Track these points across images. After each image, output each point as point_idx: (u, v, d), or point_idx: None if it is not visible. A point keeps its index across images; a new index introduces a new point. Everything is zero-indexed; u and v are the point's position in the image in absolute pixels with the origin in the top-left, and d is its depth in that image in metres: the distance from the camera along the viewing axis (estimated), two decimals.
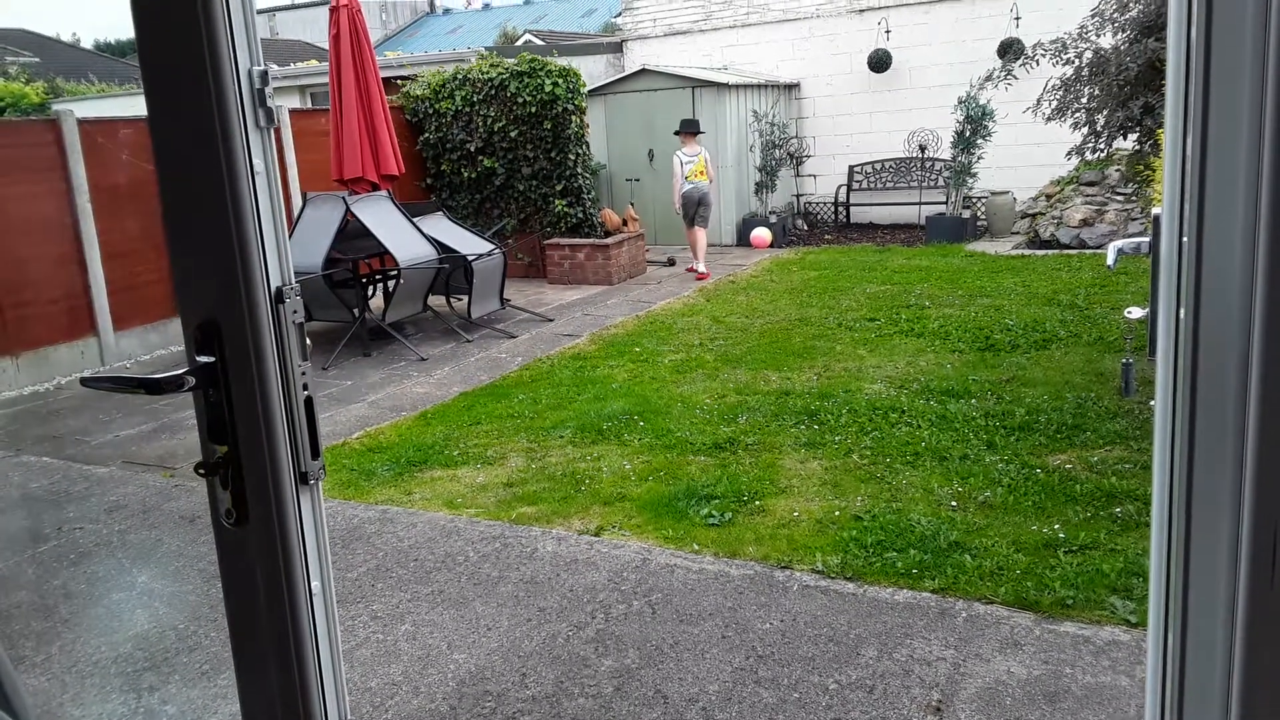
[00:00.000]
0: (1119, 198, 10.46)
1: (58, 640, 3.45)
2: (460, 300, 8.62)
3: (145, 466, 5.32)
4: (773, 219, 12.61)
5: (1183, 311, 0.95)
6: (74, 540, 4.36)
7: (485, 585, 3.64)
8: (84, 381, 1.40)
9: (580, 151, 10.63)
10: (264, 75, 1.26)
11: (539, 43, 18.56)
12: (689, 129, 10.46)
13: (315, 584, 1.37)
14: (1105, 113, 7.36)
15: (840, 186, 13.59)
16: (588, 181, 10.75)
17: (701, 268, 10.43)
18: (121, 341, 7.98)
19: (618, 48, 15.15)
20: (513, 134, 10.57)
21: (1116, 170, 10.22)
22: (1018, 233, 11.49)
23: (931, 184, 12.77)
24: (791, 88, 13.81)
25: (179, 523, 4.52)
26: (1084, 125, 7.77)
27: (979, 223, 12.08)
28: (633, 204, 11.94)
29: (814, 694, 2.81)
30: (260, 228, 1.26)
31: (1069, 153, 8.66)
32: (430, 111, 10.96)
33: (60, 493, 5.03)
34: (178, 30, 1.21)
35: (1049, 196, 11.17)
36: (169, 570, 4.07)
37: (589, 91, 11.54)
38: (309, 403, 1.34)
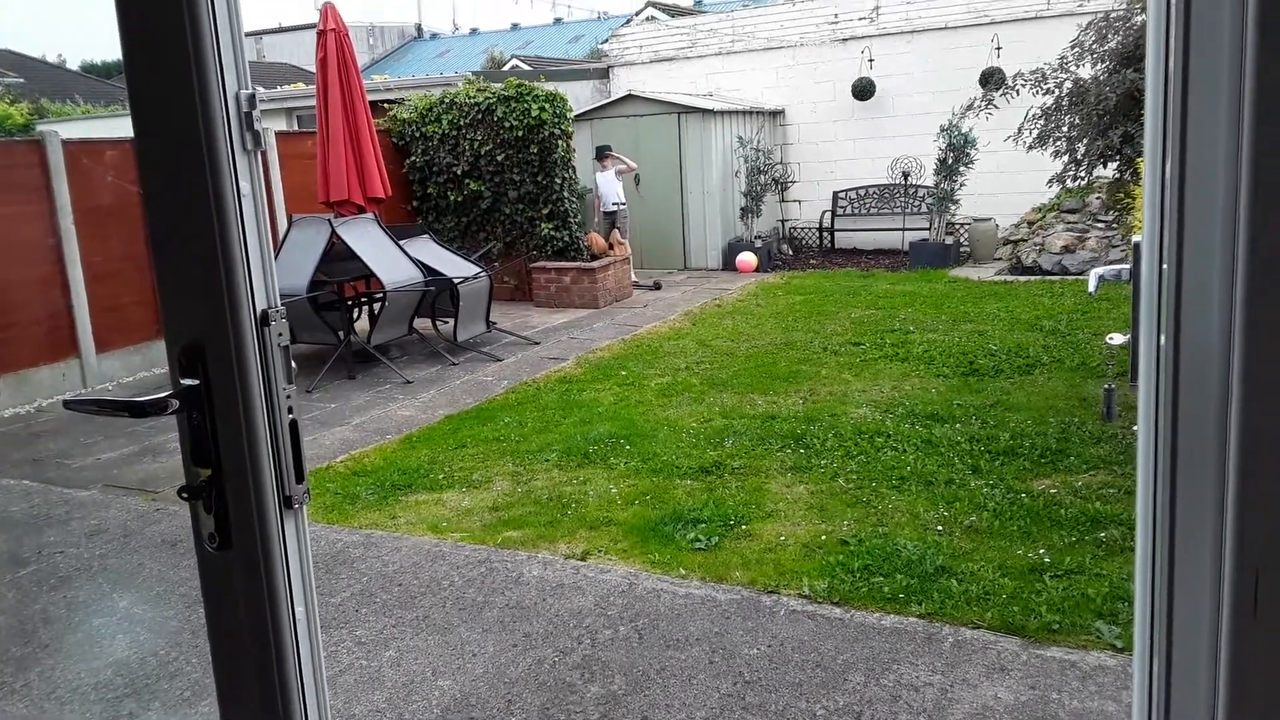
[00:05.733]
0: (1100, 225, 10.57)
1: (37, 666, 3.39)
2: (446, 323, 8.61)
3: (127, 490, 5.27)
4: (758, 244, 12.68)
5: (1163, 338, 0.96)
6: (54, 564, 4.30)
7: (470, 610, 3.62)
8: (67, 404, 1.39)
9: (566, 175, 10.68)
10: (251, 99, 1.26)
11: (526, 68, 18.67)
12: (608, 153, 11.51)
13: (299, 609, 1.36)
14: (1085, 141, 7.46)
15: (825, 212, 13.69)
16: (574, 205, 10.79)
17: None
18: (104, 363, 7.92)
19: (604, 74, 15.26)
20: (499, 158, 10.61)
21: (1097, 198, 10.34)
22: (1000, 259, 11.59)
23: (915, 210, 12.88)
24: (776, 114, 13.93)
25: (160, 547, 4.48)
26: (1065, 153, 7.87)
27: (962, 249, 12.18)
28: (619, 227, 11.98)
29: None
30: (246, 250, 1.26)
31: (1050, 180, 8.76)
32: (417, 135, 11.00)
33: (40, 516, 4.97)
34: (165, 53, 1.21)
35: (1031, 223, 11.28)
36: (150, 595, 4.03)
37: (575, 116, 11.61)
38: (294, 426, 1.34)
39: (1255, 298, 0.86)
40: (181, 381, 1.28)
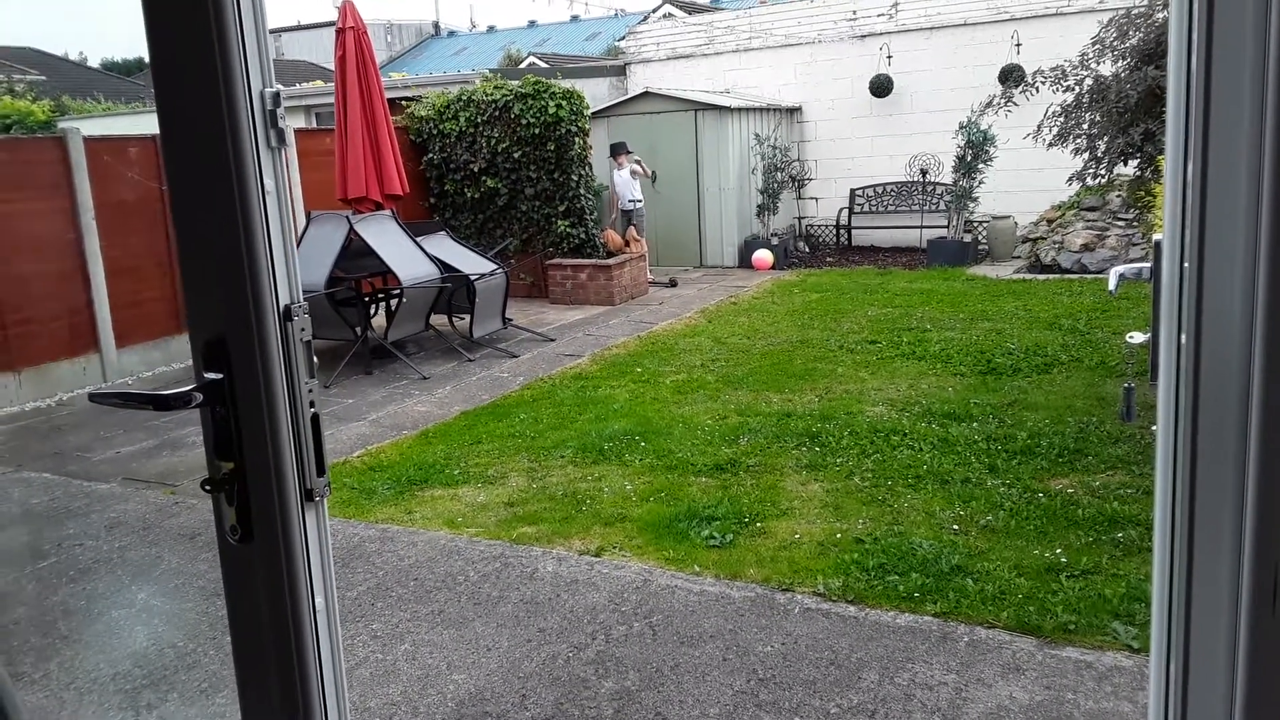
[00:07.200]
0: (1120, 223, 10.50)
1: (56, 657, 3.43)
2: (462, 319, 8.64)
3: (146, 483, 5.32)
4: (774, 241, 12.66)
5: (1184, 337, 0.96)
6: (74, 557, 4.35)
7: (485, 605, 3.63)
8: (93, 397, 1.41)
9: (583, 173, 10.68)
10: (276, 97, 1.27)
11: (543, 65, 18.69)
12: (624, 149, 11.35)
13: (319, 601, 1.37)
14: (1106, 139, 7.41)
15: (842, 209, 13.65)
16: (590, 202, 10.80)
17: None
18: (123, 358, 7.99)
19: (621, 71, 15.25)
20: (516, 155, 10.63)
21: (1117, 196, 10.27)
22: (1019, 257, 11.52)
23: (933, 208, 12.82)
24: (794, 111, 13.90)
25: (179, 540, 4.52)
26: (1085, 151, 7.81)
27: (980, 247, 12.12)
28: (635, 225, 11.99)
29: (815, 718, 2.80)
30: (270, 246, 1.27)
31: (1070, 178, 8.70)
32: (434, 132, 11.03)
33: (61, 509, 5.02)
34: (191, 51, 1.22)
35: (1050, 221, 11.21)
36: (169, 588, 4.06)
37: (592, 113, 11.62)
38: (315, 420, 1.35)
39: (1278, 295, 0.86)
40: (205, 375, 1.29)
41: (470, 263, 8.37)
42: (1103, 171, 7.87)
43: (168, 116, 1.26)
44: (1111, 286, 1.79)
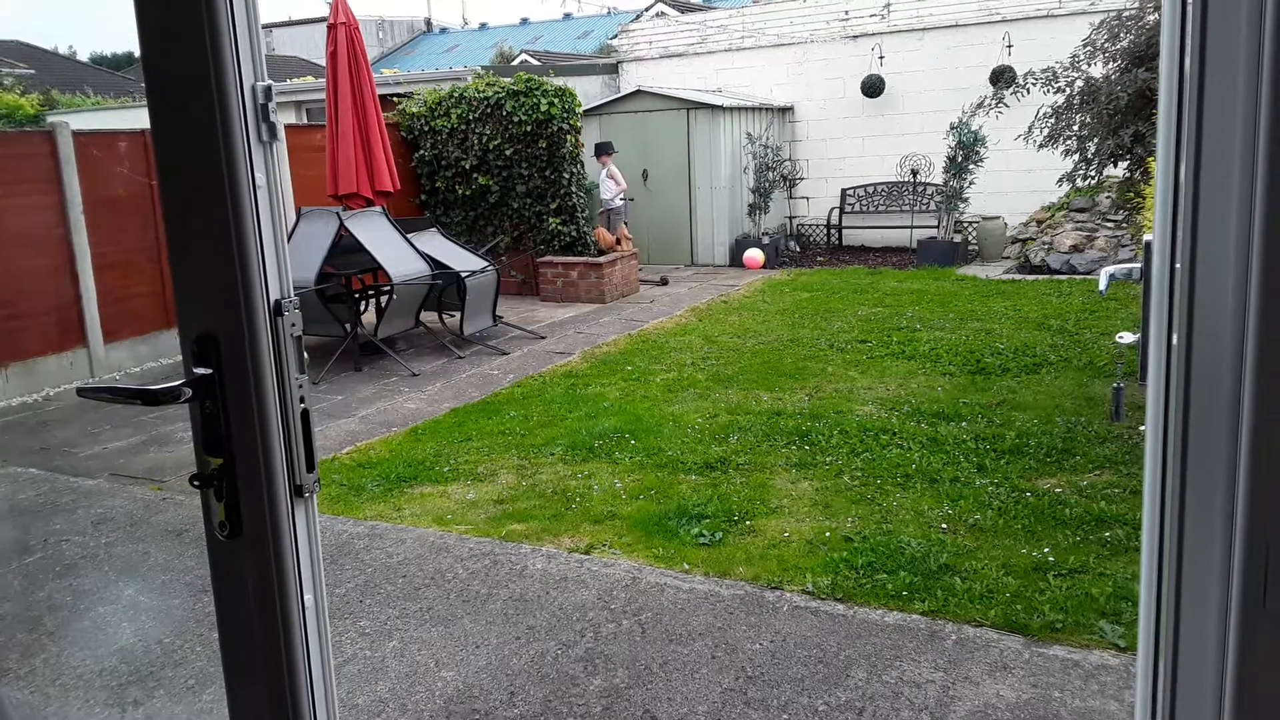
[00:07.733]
0: (1109, 224, 10.55)
1: (42, 653, 3.41)
2: (453, 316, 8.62)
3: (133, 479, 5.29)
4: (765, 240, 12.67)
5: (1175, 337, 0.96)
6: (60, 552, 4.32)
7: (474, 602, 3.63)
8: (81, 391, 1.40)
9: (575, 170, 10.67)
10: (268, 90, 1.27)
11: (535, 63, 18.65)
12: (610, 150, 11.45)
13: (308, 598, 1.37)
14: (1096, 140, 7.43)
15: (833, 209, 13.67)
16: (582, 200, 10.79)
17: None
18: (111, 353, 7.95)
19: (613, 69, 15.24)
20: (508, 152, 10.61)
21: (1107, 197, 10.31)
22: (1008, 258, 11.57)
23: (923, 208, 12.86)
24: (785, 111, 13.91)
25: (166, 536, 4.50)
26: (1075, 153, 7.83)
27: (970, 247, 12.16)
28: (626, 223, 11.98)
29: (803, 715, 2.80)
30: (261, 241, 1.27)
31: (1060, 179, 8.72)
32: (426, 129, 11.00)
33: (47, 505, 4.99)
34: (183, 44, 1.22)
35: (1040, 222, 11.26)
36: (155, 584, 4.04)
37: (584, 111, 11.61)
38: (305, 415, 1.35)
39: (1270, 296, 0.87)
40: (194, 370, 1.28)
41: (461, 260, 8.35)
42: (1092, 173, 7.89)
43: (158, 110, 1.26)
44: (1101, 287, 1.80)
